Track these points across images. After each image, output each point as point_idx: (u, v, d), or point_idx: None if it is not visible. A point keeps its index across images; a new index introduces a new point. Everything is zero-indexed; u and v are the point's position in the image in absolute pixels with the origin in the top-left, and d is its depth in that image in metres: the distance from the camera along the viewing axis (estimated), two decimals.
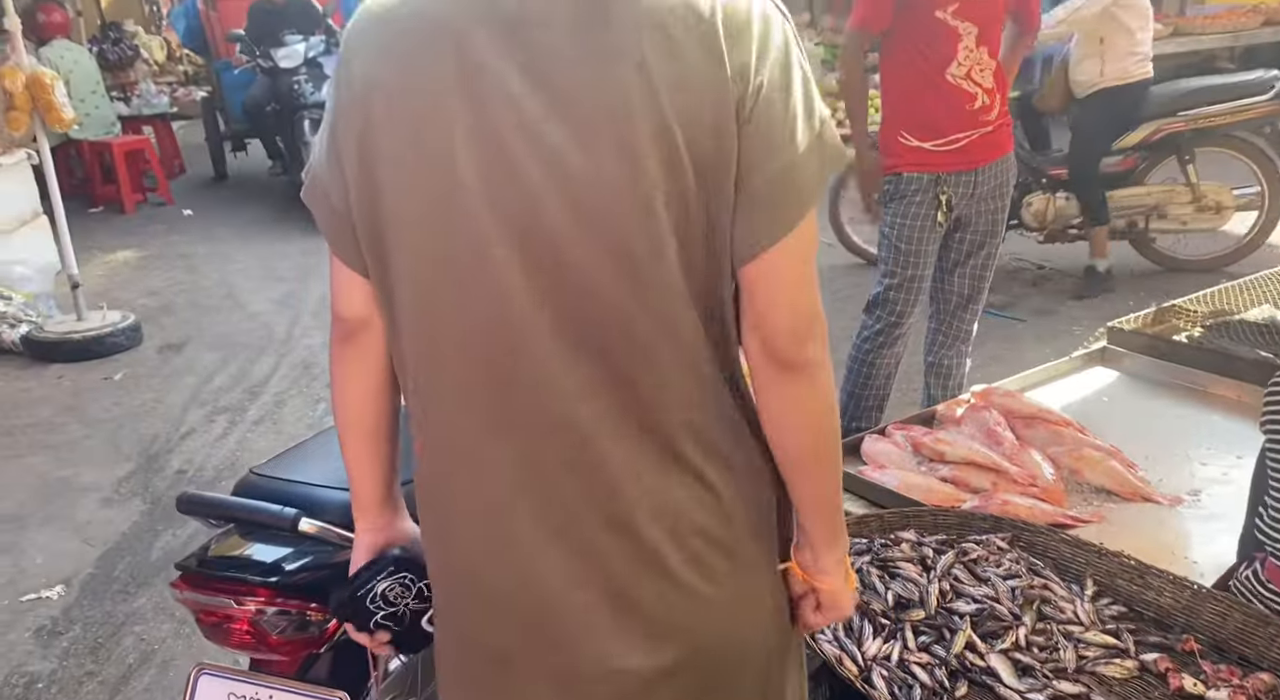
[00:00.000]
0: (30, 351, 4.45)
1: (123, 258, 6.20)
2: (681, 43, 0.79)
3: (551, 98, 0.80)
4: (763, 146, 0.81)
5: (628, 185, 0.80)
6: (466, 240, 0.83)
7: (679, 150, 0.79)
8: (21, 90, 4.25)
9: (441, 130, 0.82)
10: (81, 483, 3.36)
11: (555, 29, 0.80)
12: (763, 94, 0.81)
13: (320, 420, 3.82)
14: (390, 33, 0.85)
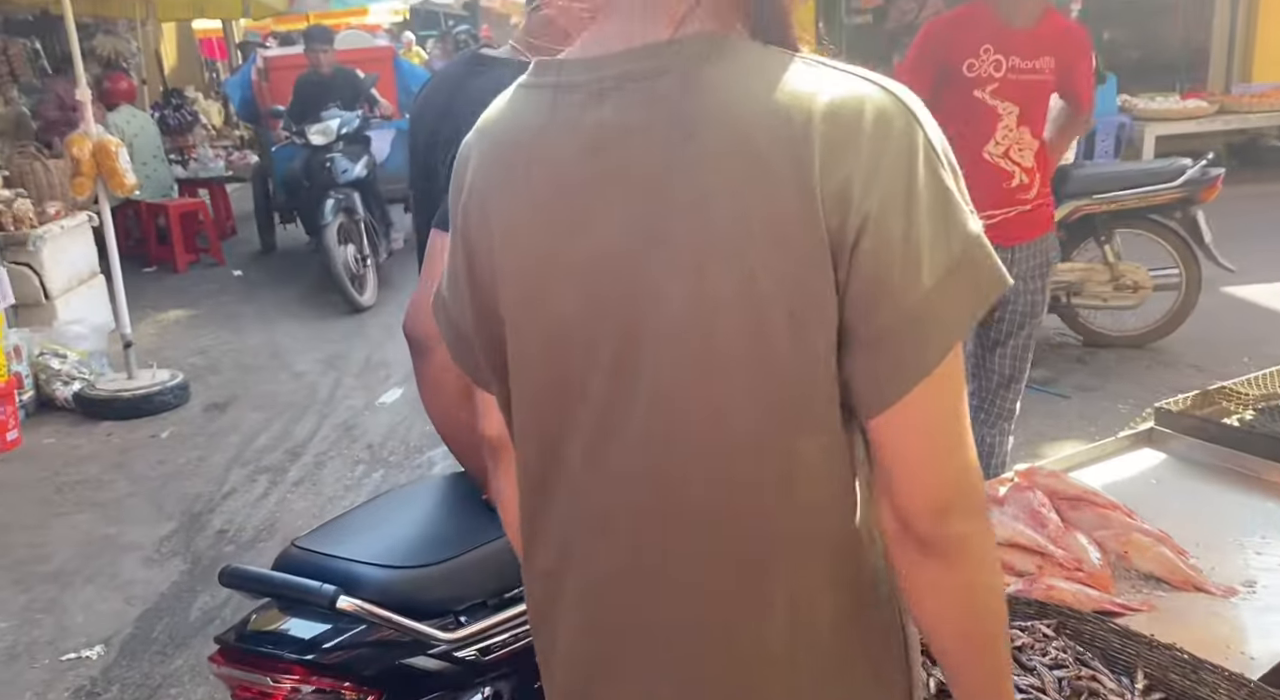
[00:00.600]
0: (82, 409, 4.56)
1: (173, 317, 6.36)
2: (768, 160, 0.67)
3: (632, 228, 0.74)
4: (875, 286, 0.67)
5: (703, 335, 0.71)
6: (567, 375, 0.79)
7: (761, 297, 0.69)
8: (88, 157, 4.43)
9: (542, 260, 0.79)
10: (125, 541, 3.40)
11: (638, 147, 0.73)
12: (872, 221, 0.66)
13: (358, 482, 3.85)
14: (494, 154, 0.83)
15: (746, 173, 0.68)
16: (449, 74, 1.63)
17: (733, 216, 0.68)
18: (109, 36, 9.18)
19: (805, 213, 0.67)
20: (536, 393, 0.83)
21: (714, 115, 0.69)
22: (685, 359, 0.73)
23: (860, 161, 0.66)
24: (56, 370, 4.65)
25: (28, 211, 5.16)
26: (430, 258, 1.44)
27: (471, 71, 1.55)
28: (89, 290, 5.56)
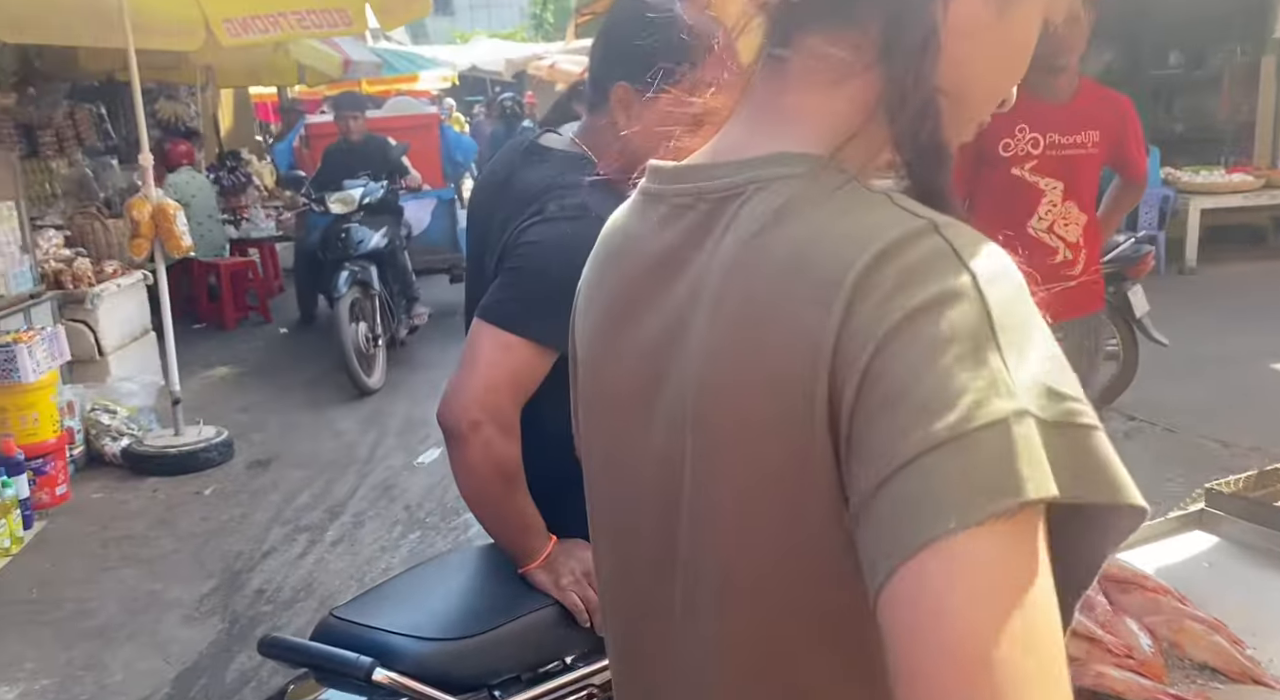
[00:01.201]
0: (129, 464, 4.64)
1: (220, 373, 6.49)
2: (799, 303, 0.61)
3: (656, 357, 0.72)
4: (864, 447, 0.57)
5: (709, 486, 0.68)
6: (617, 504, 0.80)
7: (753, 448, 0.63)
8: (147, 219, 4.59)
9: (594, 383, 0.80)
10: (167, 598, 3.44)
11: (686, 270, 0.70)
12: (882, 380, 0.56)
13: (396, 544, 3.87)
14: (595, 257, 0.84)
15: (774, 311, 0.62)
16: (505, 161, 1.64)
17: (743, 359, 0.63)
18: (170, 101, 9.55)
19: (814, 362, 0.58)
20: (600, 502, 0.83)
21: (767, 247, 0.64)
22: (703, 512, 0.68)
23: (893, 318, 0.56)
24: (106, 426, 4.76)
25: (87, 270, 5.34)
26: (472, 347, 1.44)
27: (527, 161, 1.57)
28: (141, 347, 5.71)
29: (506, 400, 1.43)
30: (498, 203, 1.57)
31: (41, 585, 3.53)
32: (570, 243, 1.43)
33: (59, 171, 7.34)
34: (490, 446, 1.42)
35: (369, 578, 3.59)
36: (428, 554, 3.76)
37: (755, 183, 0.67)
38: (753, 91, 0.72)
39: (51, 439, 4.21)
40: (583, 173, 1.51)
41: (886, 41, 0.64)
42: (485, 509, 1.53)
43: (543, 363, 1.44)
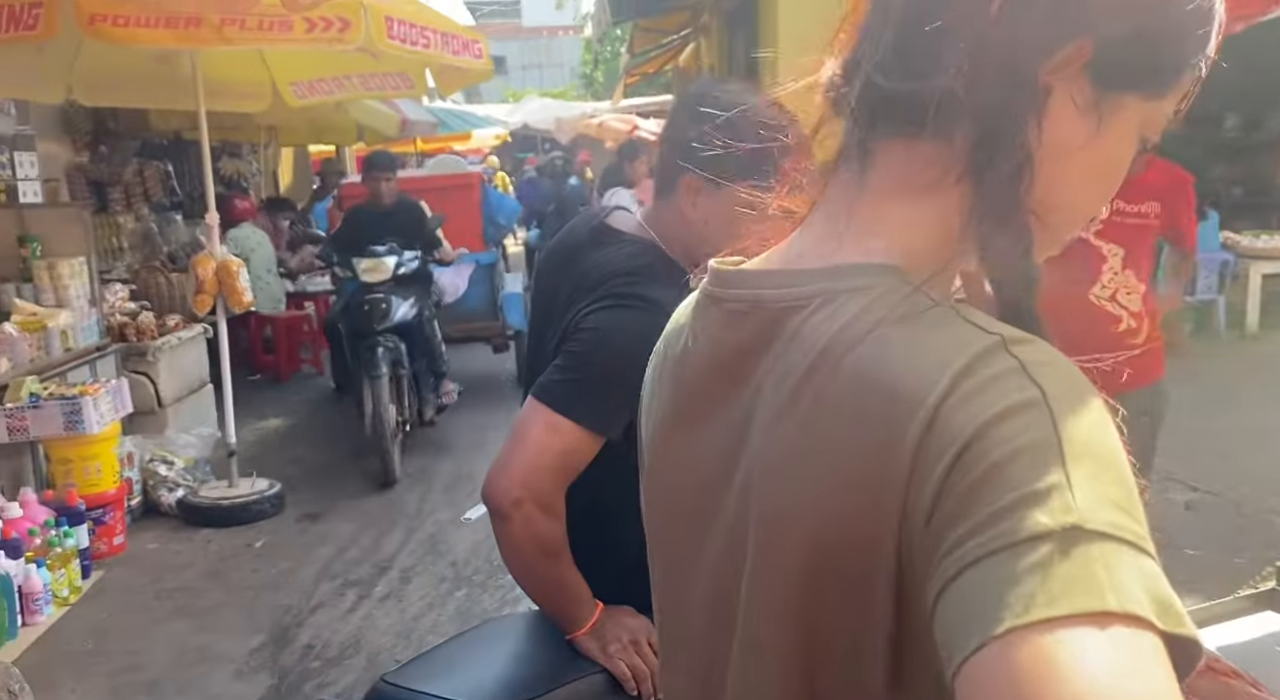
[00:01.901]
0: (184, 515, 4.72)
1: (273, 425, 6.60)
2: (868, 427, 0.60)
3: (721, 462, 0.71)
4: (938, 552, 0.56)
5: (766, 599, 0.67)
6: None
7: (818, 563, 0.63)
8: (211, 276, 4.73)
9: (656, 484, 0.81)
10: (217, 651, 3.46)
11: (746, 379, 0.70)
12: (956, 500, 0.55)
13: (443, 600, 3.87)
14: (660, 352, 0.84)
15: (843, 426, 0.61)
16: (570, 241, 1.66)
17: (809, 470, 0.63)
18: (233, 159, 9.89)
19: (887, 476, 0.58)
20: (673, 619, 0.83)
21: (835, 362, 0.62)
22: (761, 616, 0.67)
23: (966, 433, 0.55)
24: (163, 477, 4.85)
25: (150, 323, 5.50)
26: (522, 425, 1.46)
27: (596, 241, 1.59)
28: (198, 399, 5.85)
29: (550, 481, 1.44)
30: (562, 279, 1.60)
31: (97, 636, 3.58)
32: (629, 332, 1.44)
33: (126, 226, 7.61)
34: (532, 524, 1.44)
35: (416, 634, 3.60)
36: (475, 612, 3.76)
37: (823, 295, 0.65)
38: (827, 196, 0.71)
39: (112, 490, 4.30)
40: (648, 259, 1.54)
41: (977, 162, 0.62)
42: (529, 582, 1.55)
43: (590, 447, 1.46)
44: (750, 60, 8.28)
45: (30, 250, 4.95)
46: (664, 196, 1.59)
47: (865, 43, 0.67)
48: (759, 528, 0.67)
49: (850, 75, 0.68)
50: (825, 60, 0.72)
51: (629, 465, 1.57)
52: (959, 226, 0.65)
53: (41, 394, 4.12)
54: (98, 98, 5.83)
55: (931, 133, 0.64)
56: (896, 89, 0.64)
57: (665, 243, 1.58)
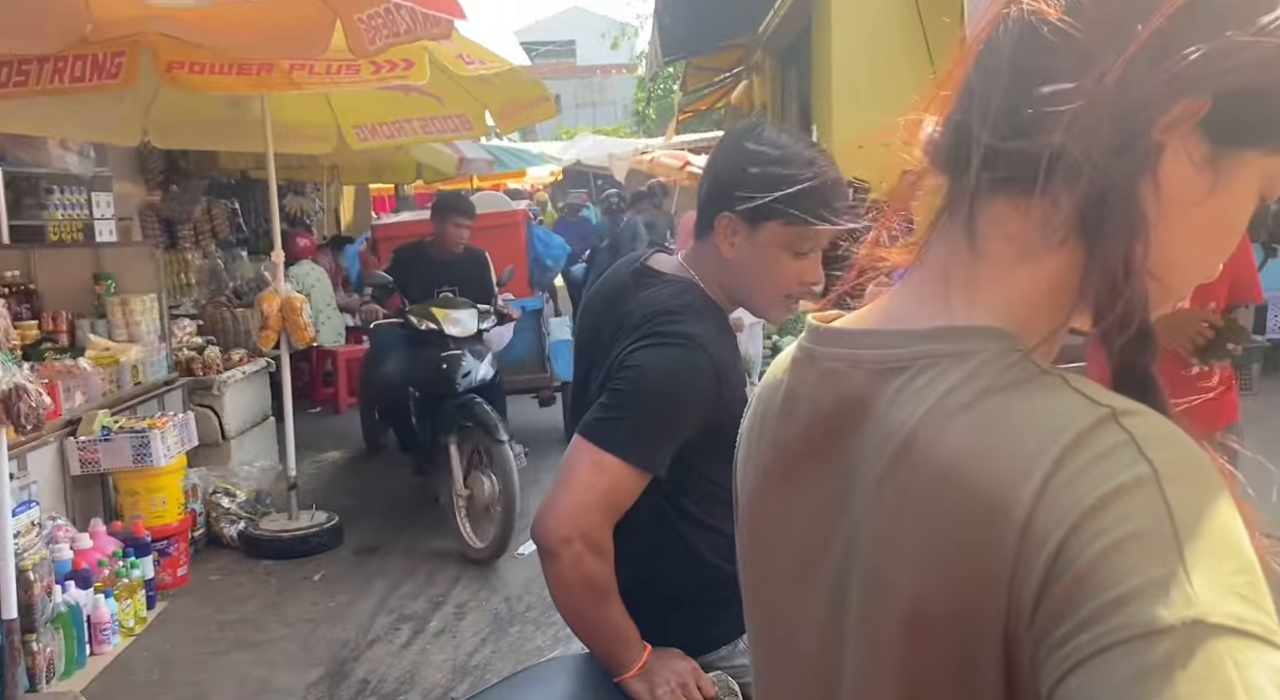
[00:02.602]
0: (245, 547, 4.81)
1: (332, 458, 6.71)
2: (972, 499, 0.58)
3: (818, 525, 0.70)
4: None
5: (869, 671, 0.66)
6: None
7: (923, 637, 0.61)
8: (276, 312, 4.85)
9: (755, 542, 0.81)
10: (277, 685, 3.51)
11: (842, 440, 0.68)
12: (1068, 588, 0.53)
13: (495, 636, 3.88)
14: (754, 407, 0.83)
15: (945, 508, 0.59)
16: (613, 283, 1.69)
17: (912, 538, 0.61)
18: (297, 197, 10.17)
19: (995, 550, 0.56)
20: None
21: (940, 429, 0.61)
22: (866, 678, 0.67)
23: (1075, 512, 0.54)
24: (226, 509, 4.95)
25: (216, 358, 5.65)
26: (569, 464, 1.47)
27: (638, 282, 1.62)
28: (261, 432, 5.97)
29: (598, 519, 1.45)
30: (606, 320, 1.63)
31: (162, 666, 3.65)
32: (672, 369, 1.48)
33: (194, 262, 7.85)
34: (580, 563, 1.44)
35: (469, 670, 3.61)
36: (528, 649, 3.76)
37: (925, 358, 0.64)
38: (929, 255, 0.70)
39: (176, 522, 4.40)
40: (689, 298, 1.57)
41: (1089, 221, 0.61)
42: (577, 621, 1.55)
43: (636, 484, 1.47)
44: (803, 97, 8.33)
45: (105, 287, 5.13)
46: (703, 236, 1.61)
47: (969, 101, 0.66)
48: (861, 591, 0.66)
49: (953, 133, 0.67)
50: (924, 117, 0.71)
51: (674, 503, 1.58)
52: (1069, 288, 0.63)
53: (112, 427, 4.25)
54: (171, 140, 6.06)
55: (1040, 192, 0.62)
56: (1006, 148, 0.63)
57: (704, 281, 1.61)
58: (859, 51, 6.33)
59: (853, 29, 6.33)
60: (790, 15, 7.90)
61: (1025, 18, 0.63)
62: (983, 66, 0.66)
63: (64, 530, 3.77)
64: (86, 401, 4.35)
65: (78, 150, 6.12)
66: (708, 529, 1.61)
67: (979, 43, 0.67)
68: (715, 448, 1.61)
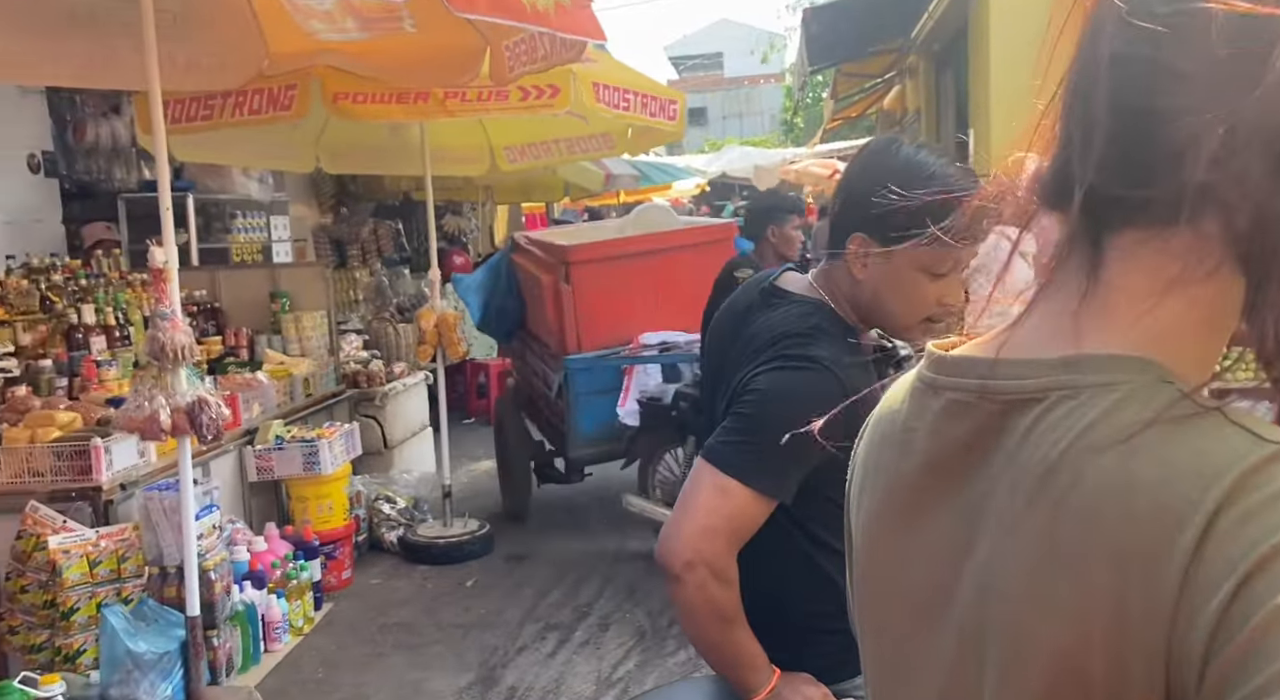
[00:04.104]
0: (404, 552, 5.03)
1: (484, 467, 6.94)
2: (1127, 542, 0.55)
3: (947, 568, 0.67)
4: None
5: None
6: None
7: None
8: (432, 328, 5.08)
9: (872, 579, 0.78)
10: (431, 688, 3.65)
11: (974, 478, 0.65)
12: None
13: (638, 650, 3.90)
14: (869, 437, 0.81)
15: (1091, 552, 0.56)
16: (741, 302, 1.66)
17: (1055, 580, 0.57)
18: (455, 216, 10.62)
19: (1151, 592, 0.53)
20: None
21: (1085, 466, 0.57)
22: None
23: (1251, 557, 0.50)
24: (387, 515, 5.20)
25: (380, 371, 5.96)
26: (691, 488, 1.45)
27: (766, 302, 1.59)
28: (419, 441, 6.25)
29: (721, 544, 1.42)
30: (732, 340, 1.60)
31: (327, 666, 3.86)
32: (798, 393, 1.43)
33: (361, 280, 8.33)
34: (704, 588, 1.42)
35: (613, 682, 3.64)
36: (670, 665, 3.77)
37: (1061, 389, 0.60)
38: (1055, 282, 0.66)
39: (342, 527, 4.65)
40: (817, 320, 1.52)
41: (1252, 253, 0.57)
42: (703, 645, 1.53)
43: (761, 510, 1.43)
44: (960, 101, 8.03)
45: (280, 305, 5.50)
46: (833, 256, 1.56)
47: (1071, 136, 0.63)
48: (998, 643, 0.62)
49: (1060, 174, 0.64)
50: (1026, 156, 0.67)
51: (803, 528, 1.54)
52: (1220, 318, 0.59)
53: (285, 437, 4.54)
54: (340, 166, 6.45)
55: (1179, 222, 0.58)
56: (1126, 195, 0.60)
57: (834, 302, 1.56)
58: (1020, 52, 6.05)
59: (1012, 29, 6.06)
60: (945, 18, 7.65)
61: (1122, 49, 0.59)
62: (1078, 97, 0.63)
63: (241, 533, 4.06)
64: (263, 412, 4.66)
65: (258, 178, 6.60)
66: (837, 554, 1.56)
67: (1072, 75, 0.64)
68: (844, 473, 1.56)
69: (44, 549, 3.22)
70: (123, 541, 3.35)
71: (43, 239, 5.67)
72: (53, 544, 3.20)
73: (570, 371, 4.73)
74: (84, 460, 3.42)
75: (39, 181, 5.73)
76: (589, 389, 4.73)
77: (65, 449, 3.44)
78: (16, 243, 5.38)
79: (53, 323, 4.34)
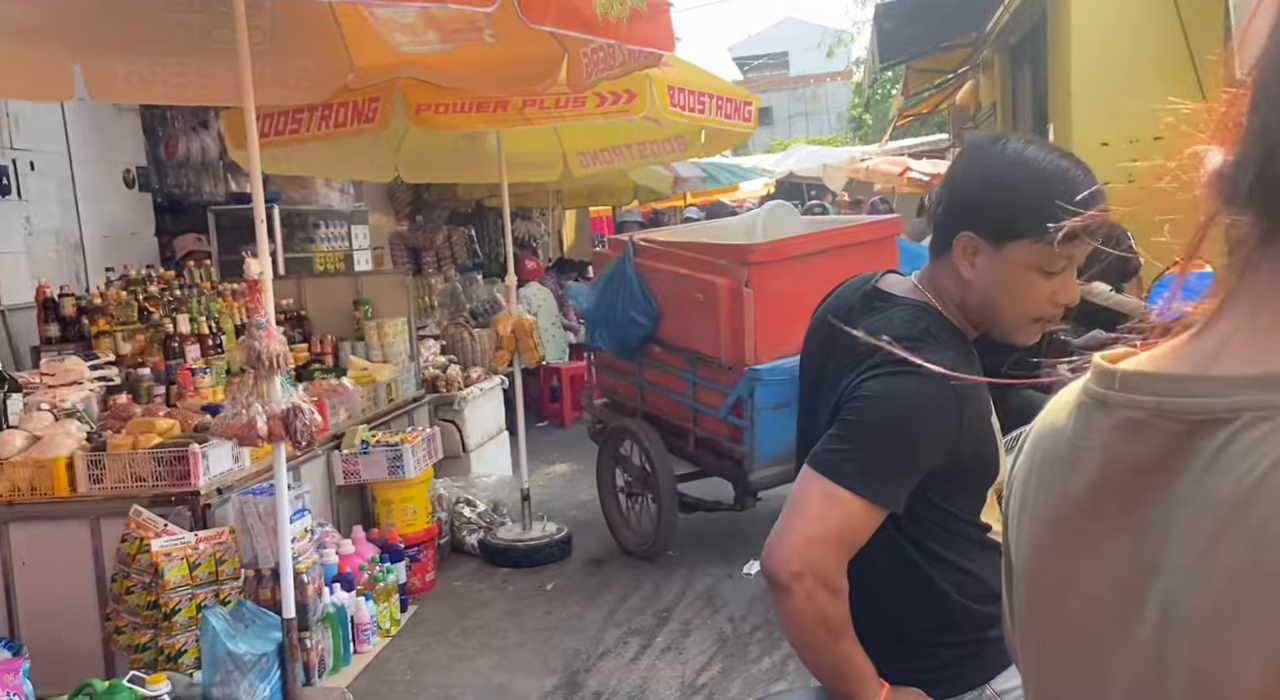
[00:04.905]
0: (485, 555, 5.09)
1: (559, 470, 7.00)
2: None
3: (1122, 601, 0.64)
4: None
5: None
6: None
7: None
8: (509, 334, 5.13)
9: (1056, 598, 0.73)
10: (515, 691, 3.68)
11: (1151, 505, 0.62)
12: None
13: (722, 655, 3.88)
14: (1030, 450, 0.76)
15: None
16: (840, 305, 1.63)
17: (1251, 636, 0.54)
18: (525, 222, 10.74)
19: None
20: None
21: (1273, 500, 0.53)
22: None
23: None
24: (467, 518, 5.27)
25: (457, 376, 6.05)
26: (798, 496, 1.43)
27: (868, 306, 1.56)
28: (496, 445, 6.33)
29: (830, 554, 1.40)
30: (834, 345, 1.57)
31: (414, 668, 3.93)
32: (909, 400, 1.41)
33: (436, 286, 8.46)
34: (813, 599, 1.40)
35: (698, 688, 3.63)
36: (753, 671, 3.74)
37: (1256, 409, 0.56)
38: (1241, 292, 0.62)
39: (425, 530, 4.73)
40: (925, 323, 1.49)
41: None
42: (810, 657, 1.50)
43: (871, 520, 1.41)
44: (1037, 95, 7.84)
45: (363, 312, 5.62)
46: (940, 256, 1.53)
47: (1265, 129, 0.58)
48: (1182, 679, 0.59)
49: (1248, 167, 0.59)
50: (1204, 146, 0.63)
51: (912, 539, 1.50)
52: None
53: (370, 441, 4.63)
54: (417, 175, 6.57)
55: None
56: None
57: (942, 304, 1.52)
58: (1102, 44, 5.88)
59: (1094, 20, 5.90)
60: (1022, 10, 7.48)
61: None
62: (1271, 83, 0.57)
63: (330, 536, 4.15)
64: (348, 418, 4.77)
65: (339, 188, 6.76)
66: (950, 565, 1.53)
67: (1263, 61, 0.58)
68: (957, 481, 1.52)
69: (147, 552, 3.34)
70: (220, 544, 3.45)
71: (138, 251, 5.90)
72: (155, 547, 3.32)
73: (756, 385, 4.23)
74: (183, 465, 3.54)
75: (134, 196, 5.96)
76: (771, 403, 4.23)
77: (165, 455, 3.56)
78: (114, 255, 5.60)
79: (150, 332, 4.50)
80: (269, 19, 3.76)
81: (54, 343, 4.42)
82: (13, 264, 5.09)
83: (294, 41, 3.91)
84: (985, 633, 1.51)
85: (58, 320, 4.44)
